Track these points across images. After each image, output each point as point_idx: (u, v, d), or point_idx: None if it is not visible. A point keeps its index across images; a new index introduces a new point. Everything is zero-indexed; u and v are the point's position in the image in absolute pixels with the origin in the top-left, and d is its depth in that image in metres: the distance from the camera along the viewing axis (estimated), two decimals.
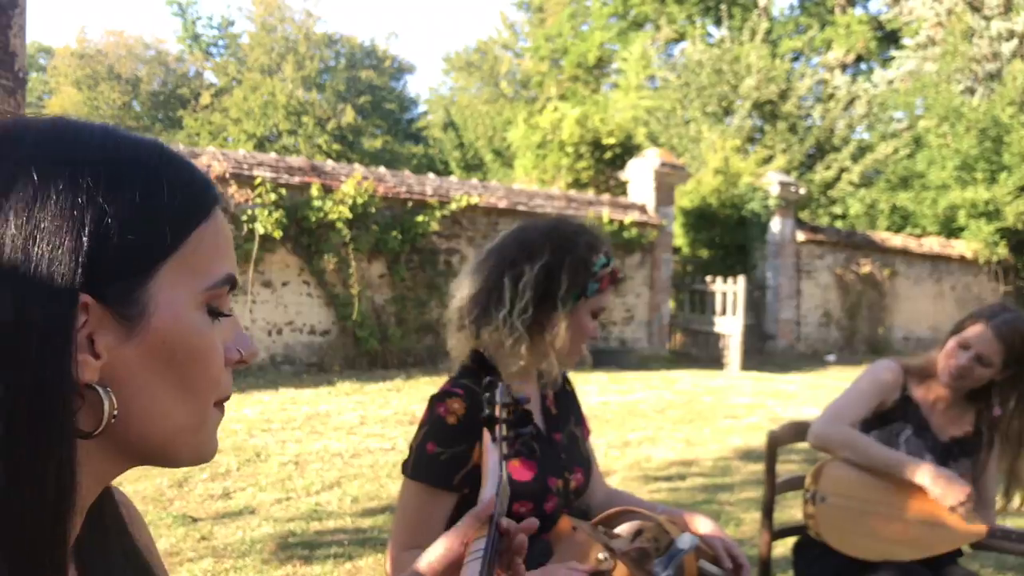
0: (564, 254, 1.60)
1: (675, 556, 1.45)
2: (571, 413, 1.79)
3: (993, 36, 19.03)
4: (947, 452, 2.23)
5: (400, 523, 1.55)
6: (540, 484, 1.59)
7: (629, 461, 5.91)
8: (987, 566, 3.85)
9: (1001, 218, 16.00)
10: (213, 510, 4.37)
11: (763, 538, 2.46)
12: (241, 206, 8.84)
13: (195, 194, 0.66)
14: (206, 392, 0.65)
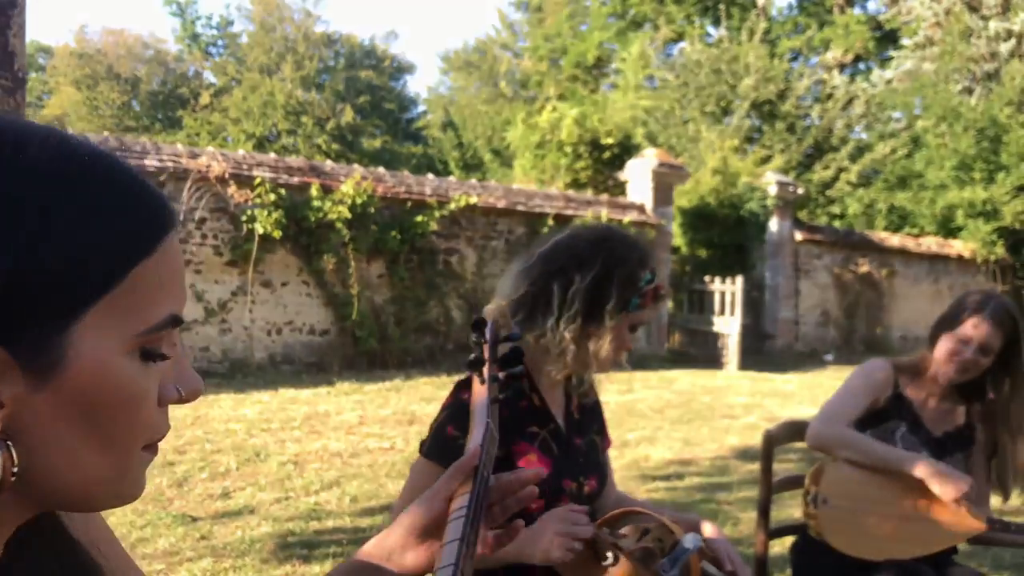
0: (615, 266, 1.61)
1: (680, 556, 1.48)
2: (594, 422, 1.82)
3: (991, 36, 19.05)
4: (941, 447, 2.26)
5: (406, 499, 1.55)
6: (555, 484, 1.61)
7: (627, 460, 5.92)
8: (983, 565, 3.87)
9: (999, 218, 16.03)
10: (212, 509, 4.39)
11: (759, 537, 2.47)
12: (241, 206, 8.87)
13: (137, 225, 0.58)
14: (130, 442, 0.60)
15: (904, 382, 2.28)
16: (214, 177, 8.67)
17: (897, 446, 2.20)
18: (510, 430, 1.57)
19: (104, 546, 0.73)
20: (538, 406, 1.68)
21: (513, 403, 1.62)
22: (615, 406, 8.20)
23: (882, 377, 2.26)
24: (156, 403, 0.61)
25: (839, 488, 2.14)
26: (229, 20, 34.89)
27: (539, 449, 1.63)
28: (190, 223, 8.67)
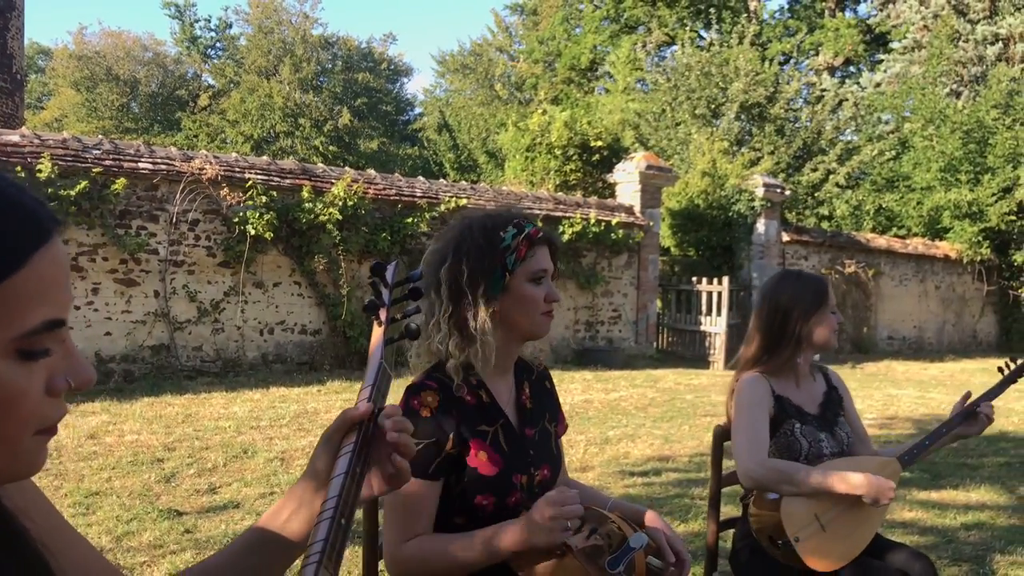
0: (459, 248, 1.68)
1: (627, 554, 1.58)
2: (547, 409, 1.84)
3: (978, 40, 19.24)
4: (825, 420, 2.42)
5: (390, 518, 1.64)
6: (504, 479, 1.67)
7: (607, 457, 6.06)
8: (944, 557, 4.03)
9: (984, 219, 16.22)
10: (198, 504, 4.53)
11: (710, 528, 2.60)
12: (233, 208, 9.03)
13: (7, 239, 0.65)
14: (15, 432, 0.67)
15: (775, 384, 2.40)
16: (207, 179, 8.83)
17: (801, 444, 2.34)
18: (463, 429, 1.64)
19: (36, 513, 0.82)
20: (486, 402, 1.71)
21: (462, 402, 1.68)
22: (599, 404, 8.37)
23: (763, 390, 2.37)
24: (42, 394, 0.68)
25: (800, 519, 2.22)
26: (228, 23, 35.03)
27: (489, 446, 1.67)
28: (183, 225, 8.83)
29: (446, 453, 1.63)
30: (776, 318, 2.40)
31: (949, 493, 5.26)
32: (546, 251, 1.73)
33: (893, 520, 4.63)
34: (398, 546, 1.61)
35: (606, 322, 12.42)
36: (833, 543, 2.20)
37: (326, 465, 0.99)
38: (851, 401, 2.58)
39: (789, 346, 2.38)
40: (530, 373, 1.86)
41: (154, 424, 6.42)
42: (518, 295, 1.68)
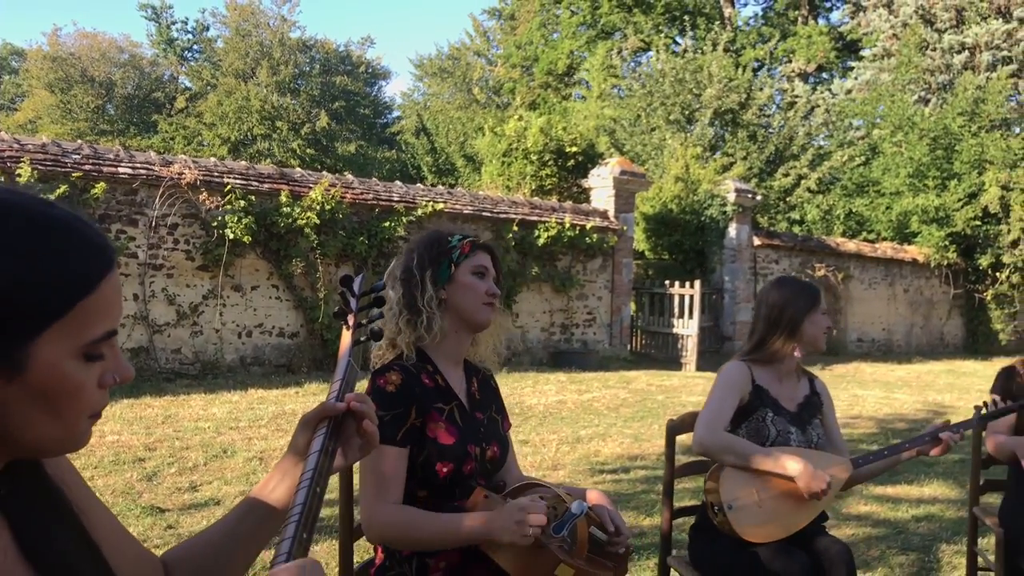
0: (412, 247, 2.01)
1: (568, 520, 1.78)
2: (492, 402, 2.09)
3: (945, 48, 19.66)
4: (800, 419, 2.60)
5: (366, 484, 1.84)
6: (461, 448, 1.89)
7: (578, 455, 6.24)
8: (893, 547, 4.24)
9: (951, 224, 16.59)
10: (180, 502, 4.66)
11: (664, 516, 2.76)
12: (212, 212, 9.14)
13: (81, 270, 0.86)
14: (74, 415, 0.88)
15: (758, 374, 2.60)
16: (186, 184, 8.93)
17: (771, 431, 2.51)
18: (423, 404, 1.88)
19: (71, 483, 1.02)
20: (442, 386, 1.95)
21: (422, 383, 1.91)
22: (572, 404, 8.55)
23: (741, 377, 2.57)
24: (96, 387, 0.89)
25: (738, 489, 2.39)
26: (205, 25, 34.91)
27: (446, 420, 1.90)
28: (162, 229, 8.93)
29: (411, 423, 1.85)
30: (773, 312, 2.59)
31: (904, 488, 5.49)
32: (488, 257, 2.02)
33: (848, 513, 4.85)
34: (374, 508, 1.81)
35: (581, 325, 12.62)
36: (764, 519, 2.37)
37: (305, 443, 1.18)
38: (832, 411, 2.75)
39: (780, 337, 2.56)
40: (477, 372, 2.11)
41: (134, 425, 6.53)
42: (462, 284, 1.96)
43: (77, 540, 0.97)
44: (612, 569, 1.88)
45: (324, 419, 1.19)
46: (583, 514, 1.79)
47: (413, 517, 1.80)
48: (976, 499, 3.30)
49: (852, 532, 4.45)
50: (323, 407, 1.21)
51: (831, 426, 2.71)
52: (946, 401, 9.49)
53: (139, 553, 1.14)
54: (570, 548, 1.76)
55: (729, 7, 26.03)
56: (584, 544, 1.79)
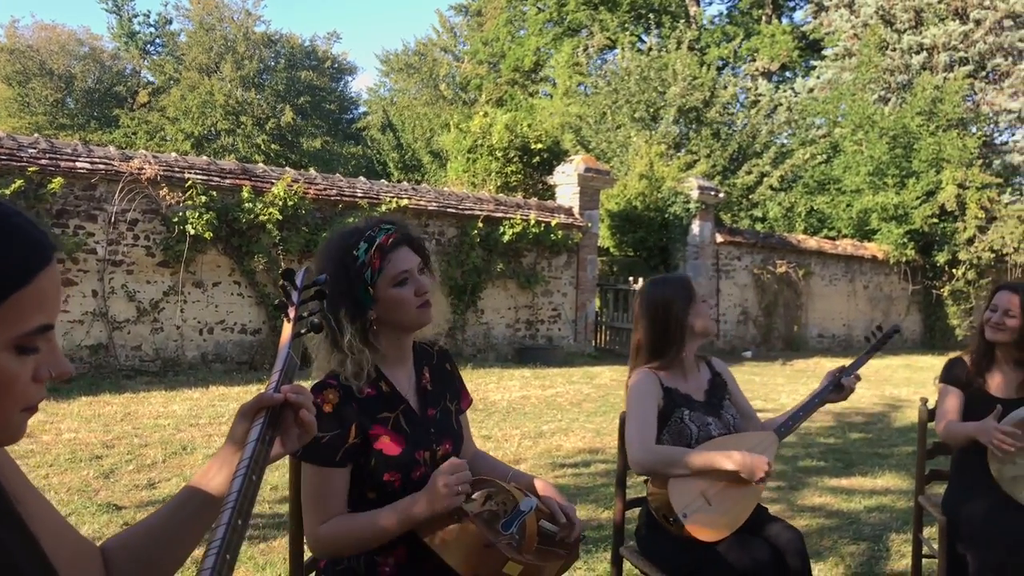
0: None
1: (518, 516, 1.79)
2: (447, 389, 2.03)
3: (904, 49, 19.99)
4: (712, 405, 2.66)
5: (307, 504, 1.83)
6: (408, 457, 1.86)
7: (540, 450, 6.28)
8: (845, 536, 4.33)
9: (910, 221, 16.90)
10: (137, 499, 4.61)
11: (617, 506, 2.80)
12: (173, 208, 9.04)
13: (13, 263, 0.86)
14: (6, 408, 0.89)
15: (664, 377, 2.64)
16: (146, 179, 8.83)
17: (691, 429, 2.56)
18: (364, 419, 1.84)
19: (7, 474, 1.04)
20: (386, 392, 1.89)
21: (365, 396, 1.86)
22: (536, 400, 8.59)
23: (651, 384, 2.60)
24: (31, 381, 0.90)
25: (688, 496, 2.42)
26: (167, 18, 34.43)
27: (391, 430, 1.85)
28: (122, 224, 8.82)
29: (350, 443, 1.82)
30: (659, 315, 2.64)
31: (858, 480, 5.60)
32: (406, 251, 1.88)
33: (803, 504, 4.94)
34: (316, 528, 1.81)
35: (546, 321, 12.67)
36: (718, 516, 2.41)
37: (243, 433, 1.20)
38: (735, 384, 2.84)
39: (676, 339, 2.61)
40: (430, 358, 2.05)
41: (92, 423, 6.45)
42: (387, 301, 1.86)
43: (13, 532, 0.98)
44: (564, 557, 1.90)
45: (261, 409, 1.21)
46: (532, 510, 1.80)
47: (354, 523, 1.80)
48: (922, 488, 3.38)
49: (806, 523, 4.53)
50: (260, 398, 1.22)
51: (739, 401, 2.78)
52: (902, 395, 9.67)
53: (77, 542, 1.15)
54: (519, 544, 1.77)
55: (694, 6, 26.24)
56: (533, 539, 1.80)
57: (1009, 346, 3.02)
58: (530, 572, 1.76)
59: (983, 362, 3.11)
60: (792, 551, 2.40)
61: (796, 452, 6.45)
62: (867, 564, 3.92)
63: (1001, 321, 3.00)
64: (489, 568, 1.72)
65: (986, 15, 19.62)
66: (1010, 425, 2.73)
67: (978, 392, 3.03)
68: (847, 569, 3.84)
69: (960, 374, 3.14)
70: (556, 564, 1.86)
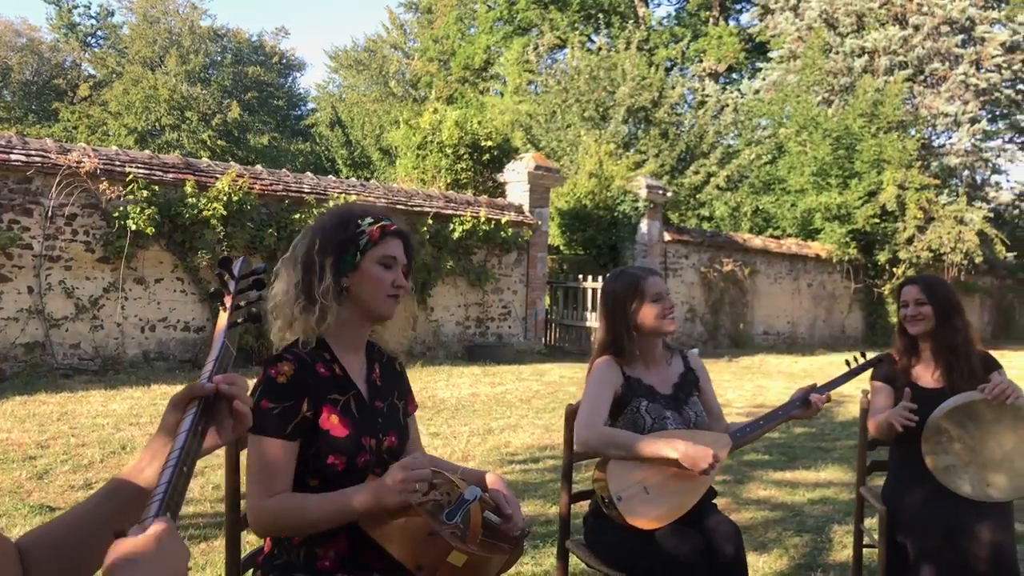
0: (317, 228, 1.90)
1: (461, 506, 1.77)
2: (395, 388, 2.03)
3: (847, 52, 20.42)
4: (677, 400, 2.66)
5: (252, 477, 1.78)
6: (354, 441, 1.83)
7: (489, 447, 6.25)
8: (789, 529, 4.38)
9: (852, 221, 17.27)
10: (72, 499, 4.47)
11: (563, 499, 2.80)
12: (113, 202, 8.82)
13: None
14: None
15: (627, 366, 2.65)
16: (85, 173, 8.58)
17: (646, 419, 2.56)
18: (316, 395, 1.81)
19: None
20: (339, 375, 1.88)
21: (316, 374, 1.84)
22: (486, 397, 8.56)
23: (611, 372, 2.62)
24: None
25: (625, 480, 2.43)
26: (109, 10, 33.62)
27: (340, 412, 1.83)
28: (59, 219, 8.57)
29: (302, 416, 1.79)
30: (608, 309, 2.67)
31: (801, 473, 5.69)
32: (399, 244, 1.92)
33: (748, 497, 5.00)
34: (259, 502, 1.75)
35: (496, 318, 12.66)
36: (653, 506, 2.41)
37: (174, 423, 1.16)
38: (709, 382, 2.84)
39: (624, 333, 2.63)
40: (381, 356, 2.04)
41: (27, 423, 6.25)
42: (367, 274, 1.86)
43: None
44: (508, 551, 1.88)
45: (193, 399, 1.17)
46: (476, 499, 1.78)
47: (299, 502, 1.76)
48: (863, 479, 3.44)
49: (750, 516, 4.58)
50: (191, 387, 1.19)
51: (709, 400, 2.78)
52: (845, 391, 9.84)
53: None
54: (463, 534, 1.74)
55: (643, 7, 26.45)
56: (477, 529, 1.78)
57: (927, 336, 3.11)
58: (475, 563, 1.73)
59: (909, 357, 3.19)
60: (727, 542, 2.41)
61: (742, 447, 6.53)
62: (810, 555, 3.97)
63: (916, 312, 3.10)
64: (432, 557, 1.69)
65: (924, 21, 20.14)
66: (940, 415, 2.79)
67: (907, 386, 3.10)
68: (791, 560, 3.88)
69: (889, 371, 3.23)
70: (501, 557, 1.84)
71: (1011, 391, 2.74)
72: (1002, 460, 2.80)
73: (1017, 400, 2.74)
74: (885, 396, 3.17)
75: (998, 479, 2.80)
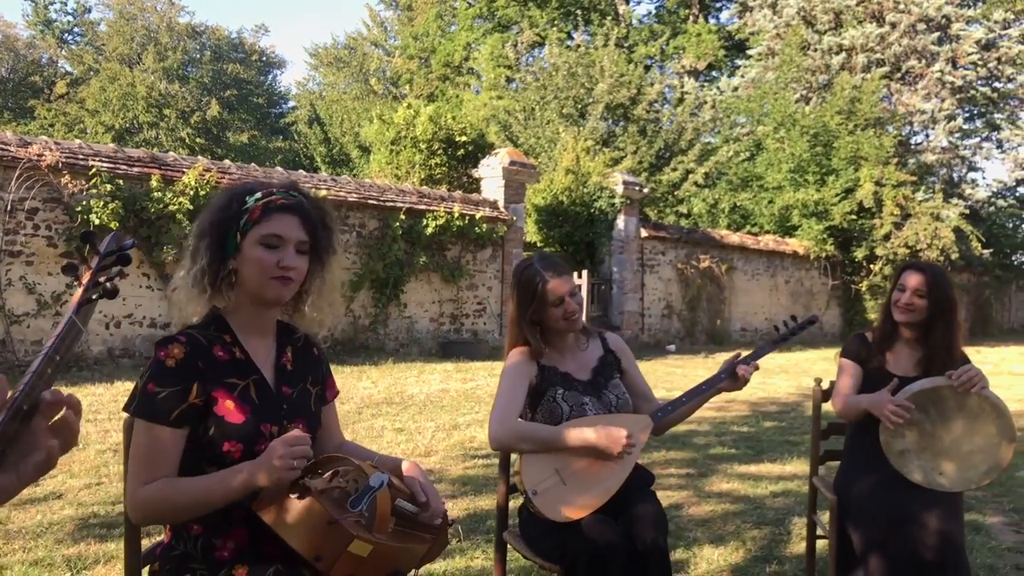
0: (208, 207, 1.82)
1: (367, 493, 1.68)
2: (310, 373, 1.93)
3: (824, 49, 20.48)
4: (596, 385, 2.58)
5: (132, 462, 1.70)
6: (251, 428, 1.74)
7: (453, 442, 6.17)
8: (748, 521, 4.32)
9: (829, 217, 17.30)
10: (18, 497, 4.35)
11: (500, 489, 2.72)
12: (76, 196, 8.67)
13: None
14: None
15: (542, 354, 2.56)
16: (46, 166, 8.43)
17: (563, 408, 2.48)
18: (209, 380, 1.72)
19: None
20: (240, 359, 1.79)
21: (212, 357, 1.75)
22: (455, 393, 8.47)
23: (523, 361, 2.53)
24: None
25: (539, 473, 2.35)
26: (86, 7, 33.32)
27: (237, 397, 1.74)
28: (20, 213, 8.41)
29: (190, 403, 1.70)
30: (514, 303, 2.58)
31: (767, 466, 5.63)
32: (292, 220, 1.78)
33: (710, 490, 4.93)
34: (137, 489, 1.67)
35: (471, 315, 12.57)
36: (572, 495, 2.33)
37: None
38: (633, 363, 2.75)
39: (528, 328, 2.54)
40: (296, 340, 1.94)
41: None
42: (247, 257, 1.76)
43: None
44: (429, 541, 1.82)
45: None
46: (382, 486, 1.69)
47: (175, 486, 1.67)
48: (816, 469, 3.38)
49: (711, 508, 4.52)
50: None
51: (634, 380, 2.70)
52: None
53: None
54: (368, 523, 1.66)
55: (623, 4, 26.44)
56: (386, 518, 1.70)
57: (913, 326, 3.01)
58: (383, 552, 1.65)
59: (886, 341, 3.10)
60: (648, 529, 2.32)
61: (709, 440, 6.49)
62: (767, 548, 3.91)
63: (911, 302, 2.96)
64: (332, 547, 1.60)
65: (901, 19, 20.22)
66: (905, 398, 2.72)
67: (877, 369, 3.02)
68: (747, 553, 3.82)
69: (861, 350, 3.13)
70: (420, 547, 1.78)
71: (979, 380, 2.68)
72: (956, 450, 2.75)
73: (983, 391, 2.68)
74: (852, 376, 3.07)
75: (949, 468, 2.75)
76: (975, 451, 2.74)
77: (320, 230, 1.84)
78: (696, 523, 4.24)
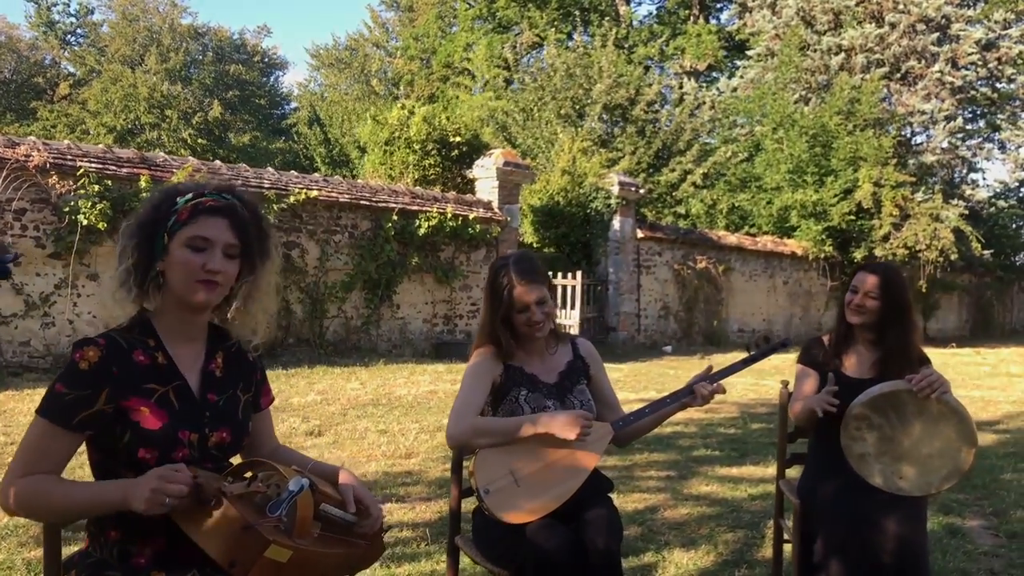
0: (138, 213, 1.78)
1: (286, 498, 1.63)
2: (241, 379, 1.89)
3: (823, 50, 20.39)
4: (562, 389, 2.54)
5: (18, 454, 1.66)
6: (169, 435, 1.70)
7: (435, 443, 6.12)
8: (723, 524, 4.27)
9: (828, 218, 17.22)
10: None
11: (453, 493, 2.65)
12: (64, 197, 8.66)
13: None
14: None
15: (511, 356, 2.52)
16: (34, 167, 8.43)
17: (526, 409, 2.44)
18: (123, 386, 1.67)
19: None
20: (162, 364, 1.75)
21: (130, 362, 1.70)
22: (443, 394, 8.43)
23: (487, 360, 2.50)
24: None
25: (492, 472, 2.31)
26: (89, 8, 33.38)
27: (155, 404, 1.70)
28: (8, 214, 8.40)
29: (97, 409, 1.66)
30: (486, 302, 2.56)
31: (748, 469, 5.58)
32: (221, 223, 1.75)
33: (688, 493, 4.89)
34: (14, 479, 1.63)
35: (464, 316, 12.53)
36: (524, 499, 2.29)
37: None
38: (602, 371, 2.71)
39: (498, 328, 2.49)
40: (228, 344, 1.89)
41: None
42: (173, 258, 1.72)
43: None
44: (363, 547, 1.80)
45: None
46: (302, 490, 1.65)
47: (51, 484, 1.63)
48: (782, 472, 3.34)
49: (687, 511, 4.48)
50: None
51: (602, 388, 2.66)
52: None
53: None
54: (287, 527, 1.62)
55: (624, 5, 26.39)
56: (307, 523, 1.65)
57: (868, 327, 2.98)
58: (304, 558, 1.61)
59: (841, 344, 3.07)
60: (599, 535, 2.28)
61: (694, 442, 6.44)
62: (739, 552, 3.86)
63: (862, 303, 2.95)
64: (248, 553, 1.55)
65: (900, 19, 20.12)
66: (863, 402, 2.68)
67: (834, 373, 2.99)
68: (718, 557, 3.78)
69: (818, 355, 3.11)
70: (349, 552, 1.75)
71: (939, 385, 2.64)
72: (915, 453, 2.71)
73: (943, 395, 2.64)
74: (810, 382, 3.06)
75: (909, 472, 2.71)
76: (935, 455, 2.70)
77: (252, 234, 1.79)
78: (670, 526, 4.19)
